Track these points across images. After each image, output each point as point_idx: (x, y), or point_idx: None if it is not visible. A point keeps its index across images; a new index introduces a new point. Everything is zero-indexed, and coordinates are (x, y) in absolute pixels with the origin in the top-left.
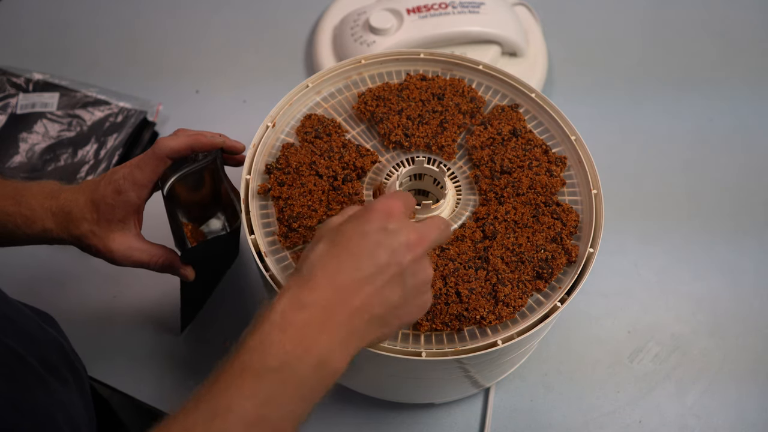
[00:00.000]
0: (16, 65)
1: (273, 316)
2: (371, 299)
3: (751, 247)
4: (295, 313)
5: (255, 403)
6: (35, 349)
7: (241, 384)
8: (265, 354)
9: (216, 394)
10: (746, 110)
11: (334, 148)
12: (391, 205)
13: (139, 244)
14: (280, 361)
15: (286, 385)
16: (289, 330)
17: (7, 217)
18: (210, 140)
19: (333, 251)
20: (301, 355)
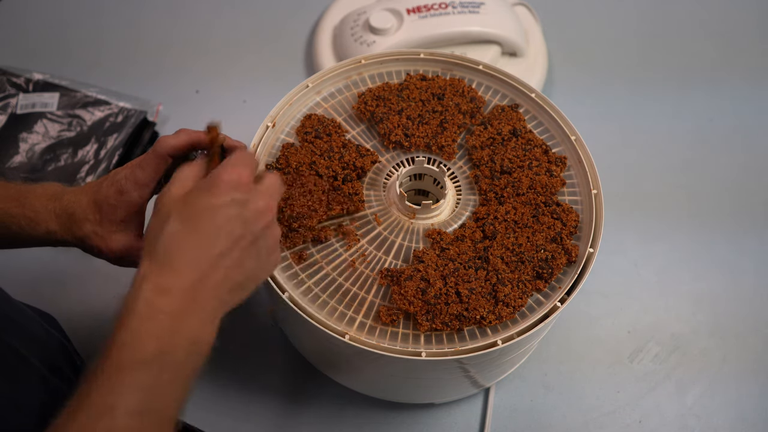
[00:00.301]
0: (16, 65)
1: (138, 308)
2: (231, 271)
3: (751, 246)
4: (161, 301)
5: (138, 396)
6: (38, 349)
7: (120, 381)
8: (138, 348)
9: (97, 395)
10: (746, 109)
11: (334, 148)
12: (239, 174)
13: (141, 244)
14: (155, 351)
15: (163, 372)
16: (157, 318)
17: (11, 219)
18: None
19: (186, 229)
20: (174, 341)
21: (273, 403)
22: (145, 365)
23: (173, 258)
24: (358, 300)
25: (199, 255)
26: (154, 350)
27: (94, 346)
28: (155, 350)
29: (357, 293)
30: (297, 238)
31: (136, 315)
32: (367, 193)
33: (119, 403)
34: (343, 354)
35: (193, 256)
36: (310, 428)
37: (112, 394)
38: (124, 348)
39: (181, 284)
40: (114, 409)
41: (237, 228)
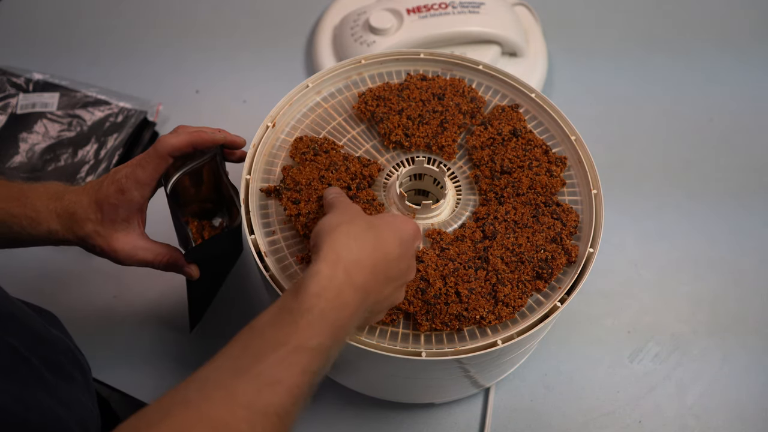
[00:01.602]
0: (16, 65)
1: (330, 293)
2: (383, 299)
3: (751, 246)
4: (349, 295)
5: (305, 379)
6: (39, 348)
7: (297, 361)
8: (322, 333)
9: (269, 366)
10: (747, 108)
11: (337, 162)
12: (417, 231)
13: (143, 243)
14: (332, 340)
15: (328, 361)
16: (342, 311)
17: (13, 218)
18: (211, 136)
19: (380, 239)
20: (341, 335)
21: None
22: (320, 353)
23: (370, 257)
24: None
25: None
26: (330, 341)
27: (95, 345)
28: (330, 342)
29: None
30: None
31: (328, 300)
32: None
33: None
34: (343, 354)
35: (380, 265)
36: (310, 428)
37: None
38: (309, 329)
39: (365, 286)
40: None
41: (404, 268)
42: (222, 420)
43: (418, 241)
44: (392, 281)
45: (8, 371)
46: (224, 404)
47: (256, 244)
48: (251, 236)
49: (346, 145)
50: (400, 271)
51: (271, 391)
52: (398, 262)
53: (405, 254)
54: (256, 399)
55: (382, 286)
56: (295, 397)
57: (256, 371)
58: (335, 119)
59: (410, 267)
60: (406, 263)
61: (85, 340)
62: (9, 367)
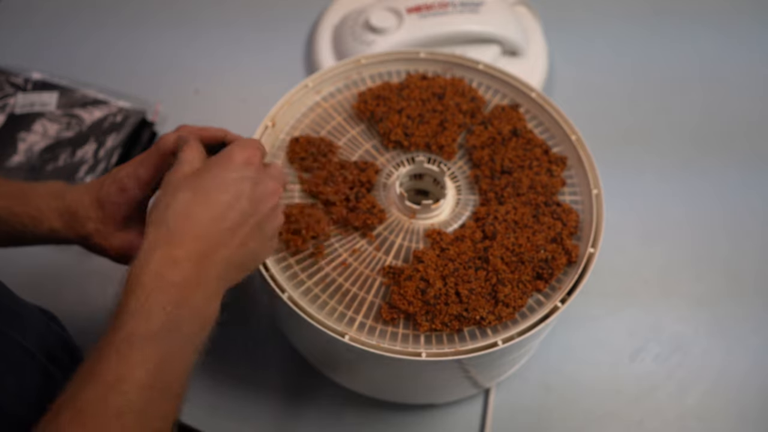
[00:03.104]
0: (15, 64)
1: (147, 279)
2: (237, 249)
3: (752, 247)
4: (170, 272)
5: (147, 368)
6: (41, 343)
7: (129, 353)
8: (148, 318)
9: (105, 367)
10: (747, 109)
11: (334, 173)
12: (250, 154)
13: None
14: (163, 324)
15: (172, 344)
16: (166, 290)
17: (15, 217)
18: (213, 134)
19: (198, 200)
20: (182, 313)
21: (273, 403)
22: (154, 338)
23: (182, 227)
24: (358, 300)
25: (209, 226)
26: (162, 323)
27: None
28: (163, 323)
29: (357, 293)
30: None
31: (145, 286)
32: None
33: (129, 376)
34: (342, 354)
35: (203, 227)
36: (310, 428)
37: (121, 366)
38: (132, 319)
39: (189, 255)
40: (124, 382)
41: (246, 205)
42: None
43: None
44: (239, 226)
45: (13, 365)
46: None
47: None
48: None
49: (345, 145)
50: (241, 213)
51: (117, 391)
52: (232, 206)
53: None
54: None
55: (224, 240)
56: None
57: (96, 376)
58: (335, 119)
59: (257, 197)
60: (247, 198)
61: (85, 339)
62: (14, 361)
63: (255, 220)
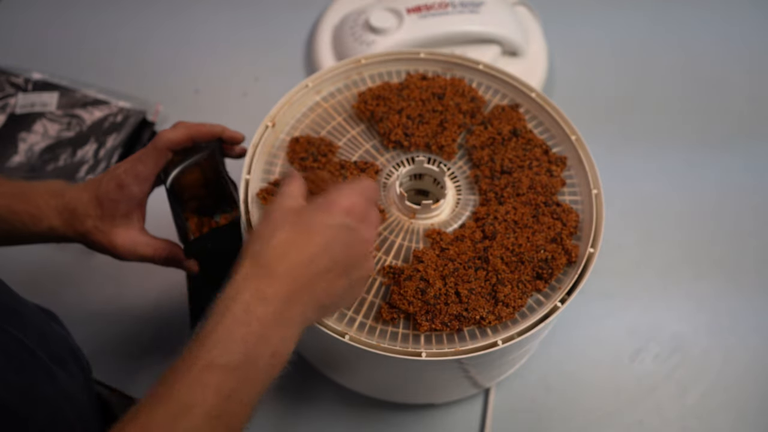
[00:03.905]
0: (16, 65)
1: (236, 309)
2: (324, 292)
3: (752, 246)
4: (258, 307)
5: (219, 398)
6: (44, 342)
7: (206, 381)
8: (229, 349)
9: (179, 390)
10: (747, 110)
11: (335, 173)
12: (354, 202)
13: (142, 238)
14: (242, 357)
15: (247, 378)
16: (251, 324)
17: (15, 215)
18: (209, 130)
19: (294, 241)
20: (259, 350)
21: (273, 403)
22: (231, 370)
23: (278, 264)
24: (358, 300)
25: (301, 267)
26: (241, 356)
27: (95, 344)
28: (243, 356)
29: None
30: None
31: (232, 316)
32: None
33: (201, 402)
34: (343, 354)
35: (297, 267)
36: (310, 428)
37: (196, 392)
38: (215, 348)
39: (278, 294)
40: (195, 407)
41: (340, 251)
42: None
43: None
44: (328, 271)
45: (15, 362)
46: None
47: None
48: None
49: (345, 145)
50: (332, 259)
51: (186, 416)
52: (326, 251)
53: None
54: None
55: (312, 284)
56: (214, 418)
57: (168, 398)
58: (335, 119)
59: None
60: (341, 246)
61: (85, 339)
62: (16, 358)
63: (344, 266)
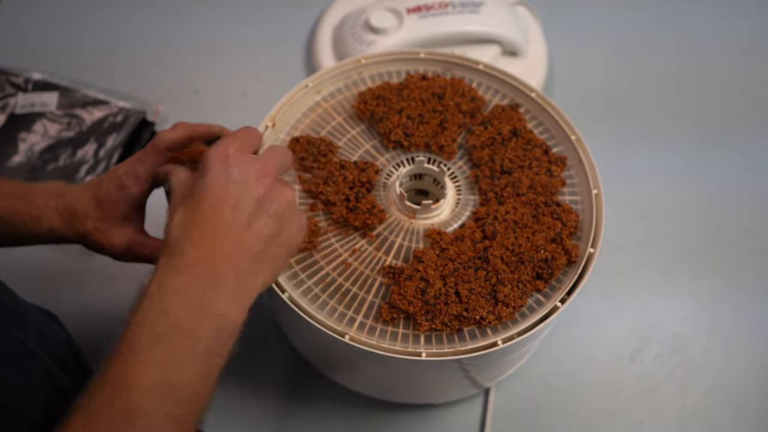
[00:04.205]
0: (16, 65)
1: (150, 290)
2: (243, 240)
3: (752, 246)
4: (172, 280)
5: (152, 370)
6: (44, 343)
7: (134, 359)
8: (152, 324)
9: (111, 376)
10: (746, 111)
11: (334, 173)
12: (226, 148)
13: (142, 239)
14: (167, 326)
15: (180, 346)
16: (169, 296)
17: (15, 216)
18: (208, 129)
19: (188, 211)
20: (188, 315)
21: (273, 403)
22: (158, 342)
23: (181, 240)
24: (358, 300)
25: (204, 230)
26: (166, 326)
27: (95, 344)
28: (167, 326)
29: (357, 293)
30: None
31: (148, 298)
32: None
33: (134, 380)
34: (343, 354)
35: (199, 233)
36: (310, 428)
37: (127, 371)
38: (137, 327)
39: (191, 260)
40: (129, 387)
41: (233, 195)
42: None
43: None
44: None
45: (15, 362)
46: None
47: None
48: None
49: (345, 145)
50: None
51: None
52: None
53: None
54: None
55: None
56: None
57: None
58: (335, 119)
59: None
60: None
61: (85, 339)
62: (16, 359)
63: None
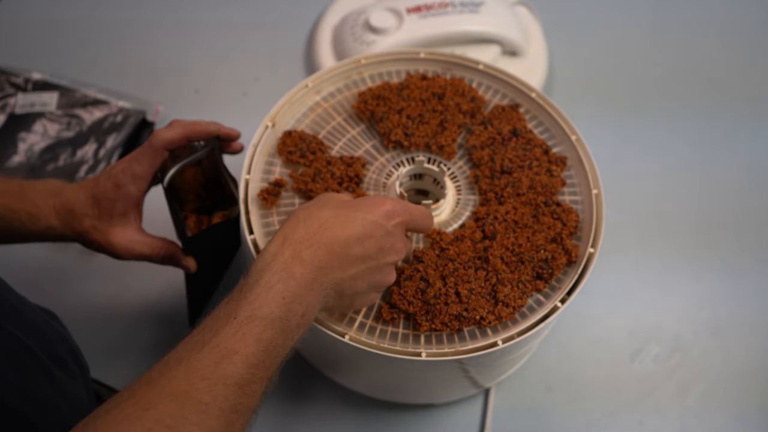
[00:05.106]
0: (15, 65)
1: (276, 266)
2: (348, 279)
3: (751, 247)
4: (297, 268)
5: (259, 348)
6: (43, 341)
7: (249, 331)
8: (270, 303)
9: (224, 338)
10: (747, 111)
11: (322, 170)
12: (396, 210)
13: (140, 237)
14: (280, 312)
15: (282, 333)
16: (289, 282)
17: (12, 214)
18: (205, 128)
19: (336, 220)
20: (295, 308)
21: (273, 403)
22: (271, 323)
23: (318, 235)
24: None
25: (338, 244)
26: (280, 311)
27: (94, 343)
28: (281, 312)
29: None
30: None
31: (273, 273)
32: (367, 193)
33: (243, 351)
34: (343, 354)
35: (333, 242)
36: (310, 428)
37: (239, 341)
38: (257, 301)
39: (313, 260)
40: (237, 354)
41: (373, 247)
42: (183, 392)
43: (395, 219)
44: (359, 261)
45: (14, 360)
46: (185, 378)
47: (256, 244)
48: (251, 236)
49: (345, 145)
50: (365, 251)
51: (229, 361)
52: (361, 240)
53: (372, 233)
54: (214, 370)
55: (343, 265)
56: (253, 366)
57: (213, 344)
58: (335, 119)
59: (384, 248)
60: (375, 243)
61: (85, 339)
62: (15, 357)
63: (372, 265)
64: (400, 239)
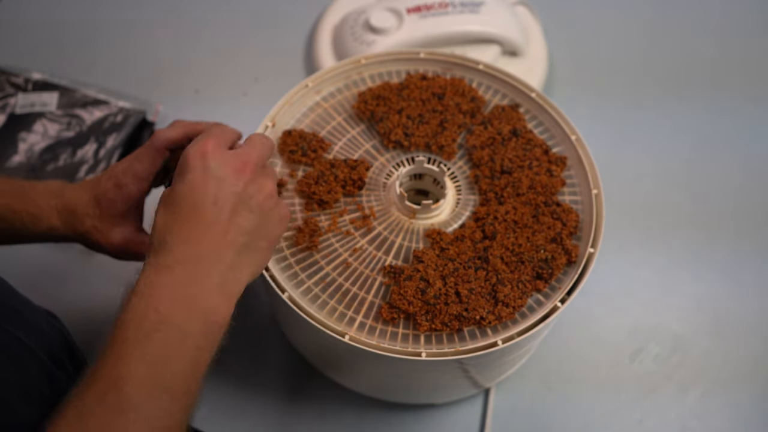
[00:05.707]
0: (15, 65)
1: (139, 288)
2: (226, 235)
3: (752, 246)
4: (160, 277)
5: (143, 365)
6: (44, 343)
7: (125, 354)
8: (142, 321)
9: (103, 370)
10: (747, 110)
11: (325, 173)
12: (203, 145)
13: (140, 238)
14: (157, 322)
15: (170, 342)
16: (157, 293)
17: (14, 214)
18: (206, 128)
19: (171, 212)
20: (176, 310)
21: (273, 403)
22: (149, 338)
23: (166, 239)
24: (358, 300)
25: (187, 228)
26: (155, 321)
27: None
28: (157, 321)
29: (357, 293)
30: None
31: (137, 294)
32: (367, 193)
33: (126, 373)
34: (343, 354)
35: (183, 231)
36: (310, 428)
37: (118, 365)
38: (127, 324)
39: (177, 258)
40: (121, 380)
41: (213, 192)
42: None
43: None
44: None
45: (15, 361)
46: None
47: None
48: None
49: (345, 145)
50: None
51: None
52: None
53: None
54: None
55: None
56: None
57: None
58: (335, 119)
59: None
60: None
61: (85, 339)
62: (16, 358)
63: (231, 201)
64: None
